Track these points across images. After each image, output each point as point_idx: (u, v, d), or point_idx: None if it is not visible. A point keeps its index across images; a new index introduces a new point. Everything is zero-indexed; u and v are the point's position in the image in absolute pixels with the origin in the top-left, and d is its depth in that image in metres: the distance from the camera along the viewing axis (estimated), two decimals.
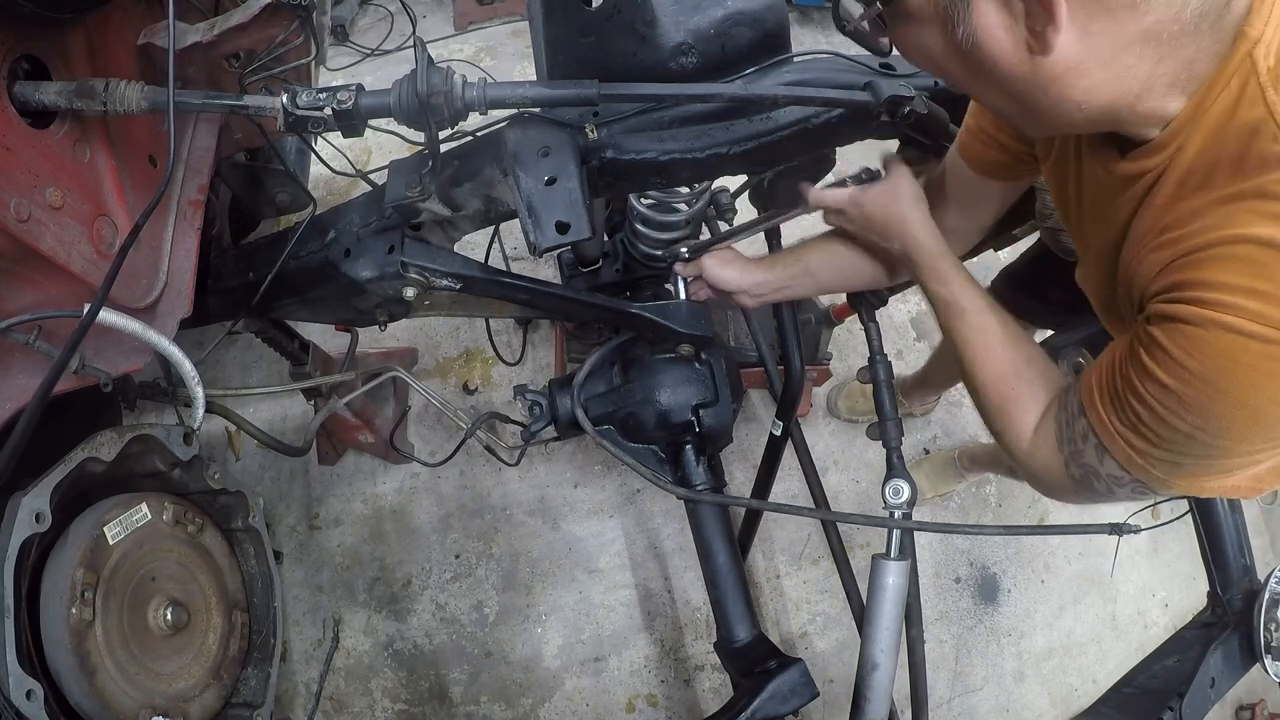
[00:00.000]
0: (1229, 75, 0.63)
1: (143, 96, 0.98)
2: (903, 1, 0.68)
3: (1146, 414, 0.72)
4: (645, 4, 1.07)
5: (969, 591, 2.24)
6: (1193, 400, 0.67)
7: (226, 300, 1.47)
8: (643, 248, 1.58)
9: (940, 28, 0.68)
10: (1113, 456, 0.79)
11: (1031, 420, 0.92)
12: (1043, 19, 0.61)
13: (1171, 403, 0.69)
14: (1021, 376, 0.94)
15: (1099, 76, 0.64)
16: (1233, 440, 0.69)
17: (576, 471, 2.31)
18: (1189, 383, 0.67)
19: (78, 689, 1.19)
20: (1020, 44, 0.64)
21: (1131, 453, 0.77)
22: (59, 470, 1.21)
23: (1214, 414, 0.67)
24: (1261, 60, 0.61)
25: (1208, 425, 0.68)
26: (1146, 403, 0.71)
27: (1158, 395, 0.70)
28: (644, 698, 2.08)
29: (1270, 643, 1.30)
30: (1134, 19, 0.60)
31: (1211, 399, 0.66)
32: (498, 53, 3.26)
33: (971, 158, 1.10)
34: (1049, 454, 0.88)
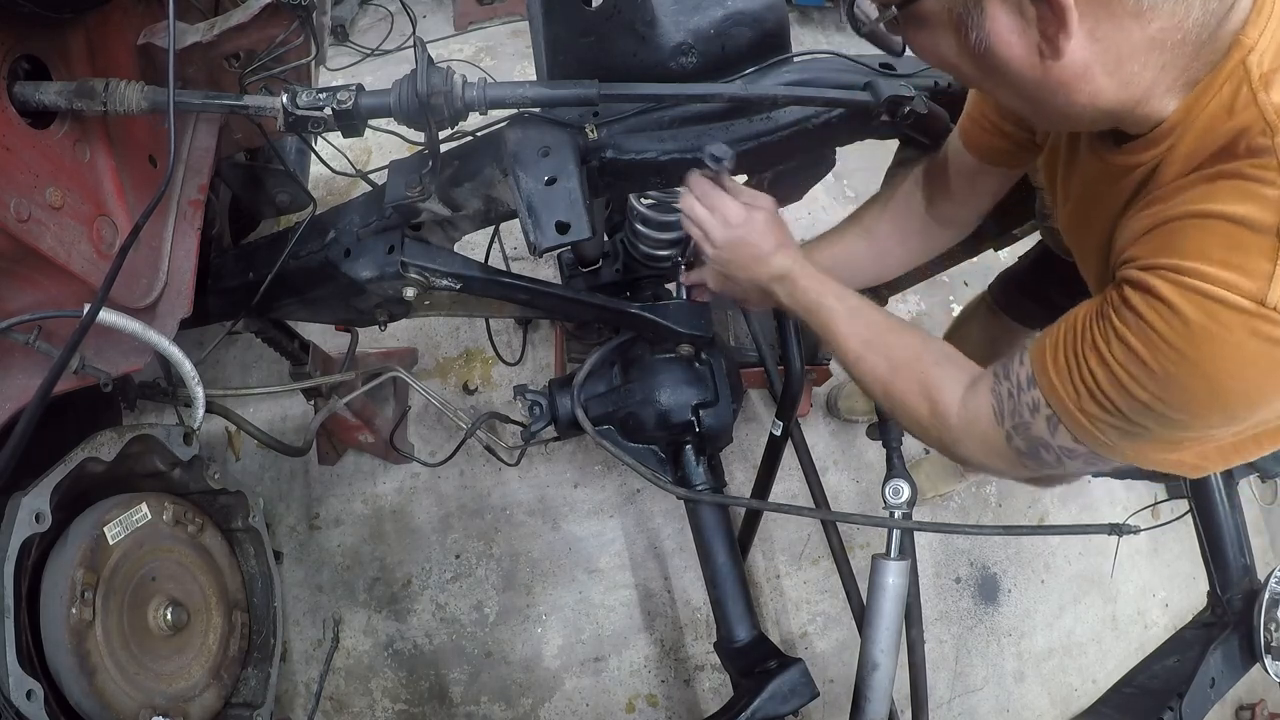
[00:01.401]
0: (1222, 80, 0.65)
1: (143, 96, 0.98)
2: (918, 6, 0.70)
3: (1106, 379, 0.72)
4: (645, 4, 1.07)
5: (969, 591, 2.24)
6: (1158, 367, 0.67)
7: (226, 300, 1.47)
8: (643, 248, 1.58)
9: (954, 32, 0.70)
10: (1065, 426, 0.79)
11: (956, 396, 0.91)
12: (1054, 25, 0.63)
13: (1135, 368, 0.69)
14: (934, 357, 0.95)
15: (1105, 81, 0.67)
16: (1189, 414, 0.69)
17: (576, 471, 2.31)
18: (1157, 348, 0.67)
19: (78, 689, 1.19)
20: (1032, 49, 0.66)
21: (1084, 419, 0.76)
22: (59, 470, 1.21)
23: (1177, 383, 0.67)
24: (1255, 67, 0.63)
25: (1168, 394, 0.68)
26: (1109, 366, 0.71)
27: (1122, 359, 0.70)
28: (644, 698, 2.08)
29: (1270, 643, 1.30)
30: (1139, 27, 0.63)
31: (1177, 366, 0.66)
32: (498, 53, 3.26)
33: (972, 144, 1.11)
34: (986, 428, 0.87)
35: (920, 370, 0.95)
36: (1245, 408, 0.67)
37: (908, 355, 0.97)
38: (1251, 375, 0.64)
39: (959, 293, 2.61)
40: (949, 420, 0.92)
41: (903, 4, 0.71)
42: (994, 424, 0.86)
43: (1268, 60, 0.63)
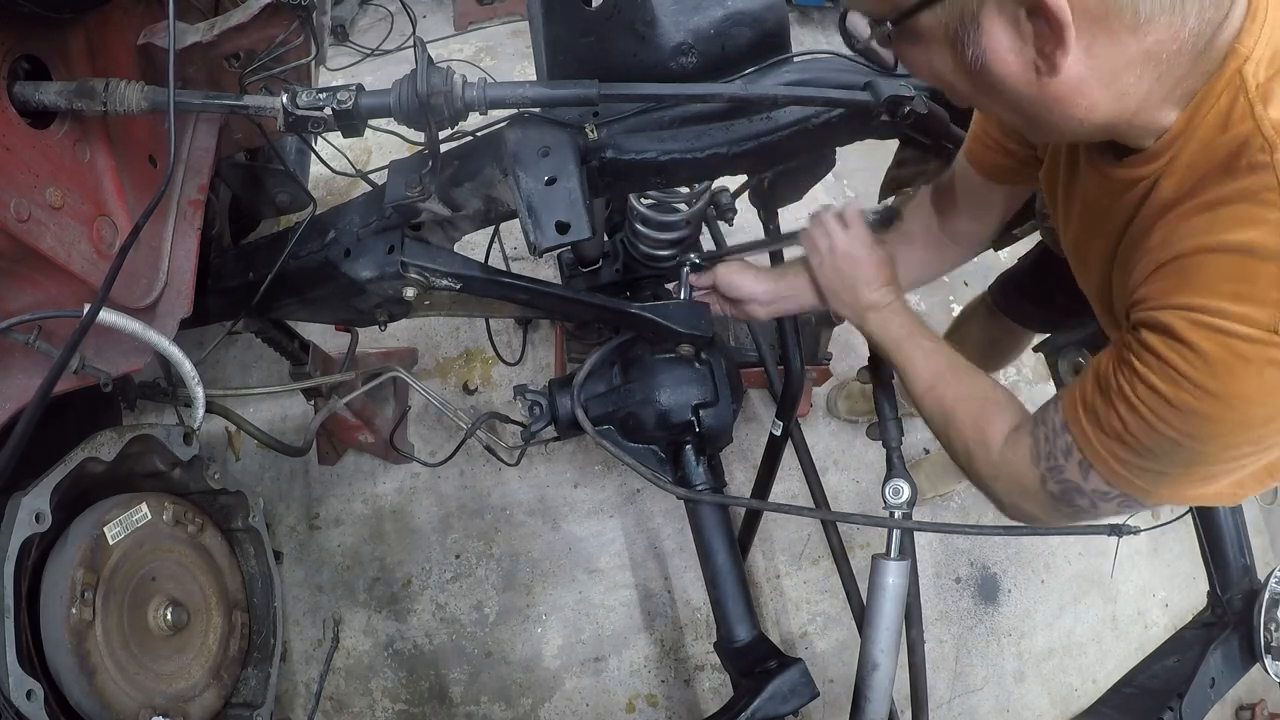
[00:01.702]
0: (1219, 91, 0.65)
1: (143, 96, 0.98)
2: (913, 23, 0.69)
3: (1134, 421, 0.73)
4: (645, 4, 1.07)
5: (969, 591, 2.24)
6: (1183, 404, 0.68)
7: (226, 300, 1.47)
8: (643, 248, 1.58)
9: (950, 48, 0.69)
10: (1097, 471, 0.80)
11: (1002, 434, 0.94)
12: (1052, 42, 0.62)
13: (1161, 408, 0.70)
14: (995, 397, 0.99)
15: (1101, 95, 0.67)
16: (1218, 445, 0.70)
17: (576, 471, 2.31)
18: (1180, 386, 0.68)
19: (78, 689, 1.19)
20: (1028, 65, 0.66)
21: (1115, 464, 0.78)
22: (59, 470, 1.21)
23: (1202, 417, 0.68)
24: (1251, 77, 0.63)
25: (1195, 430, 0.69)
26: (1136, 408, 0.72)
27: (1148, 400, 0.71)
28: (644, 698, 2.08)
29: (1270, 643, 1.30)
30: (1135, 40, 0.62)
31: (1201, 401, 0.67)
32: (498, 53, 3.26)
33: (978, 163, 1.13)
34: (1023, 469, 0.89)
35: (979, 406, 0.99)
36: (1273, 433, 0.68)
37: (972, 392, 1.02)
38: (1275, 402, 0.65)
39: (959, 293, 2.61)
40: (991, 455, 0.94)
41: (897, 20, 0.70)
42: (1030, 465, 0.88)
43: (1263, 70, 0.63)
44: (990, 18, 0.65)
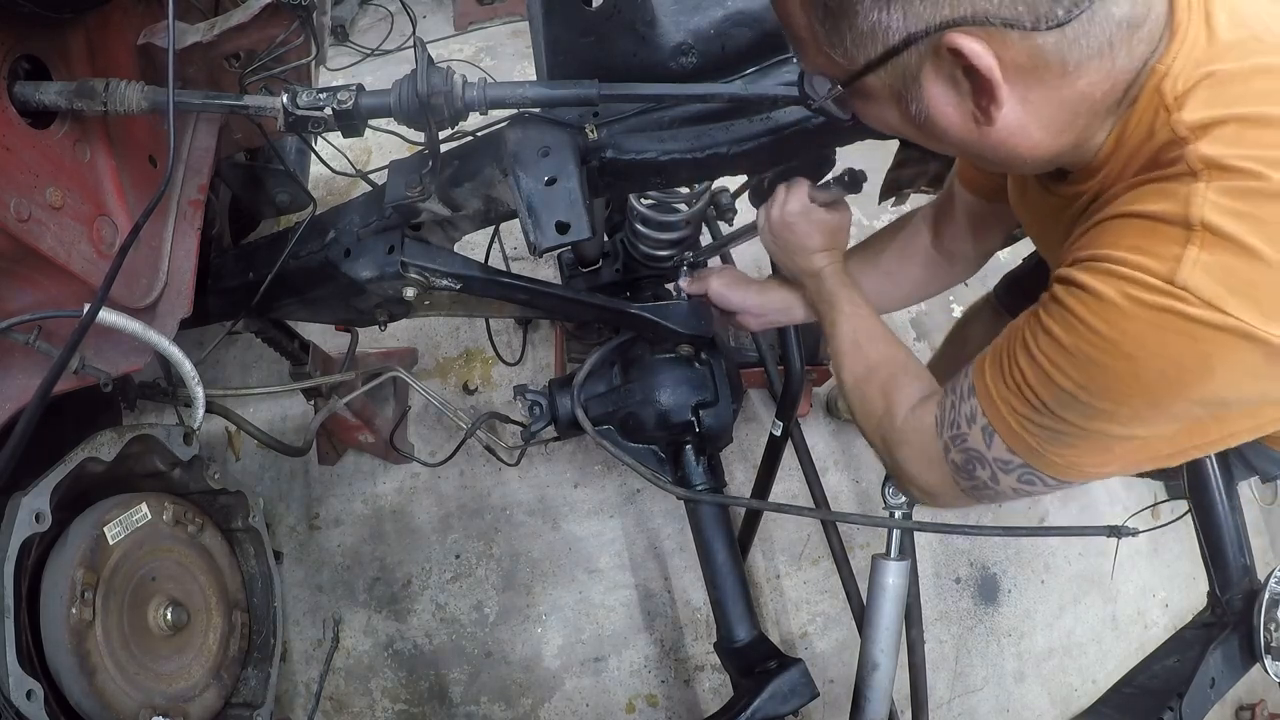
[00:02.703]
0: (1143, 108, 0.69)
1: (143, 96, 0.98)
2: (861, 85, 0.74)
3: (1033, 372, 0.74)
4: (645, 4, 1.07)
5: (969, 591, 2.24)
6: (1078, 350, 0.69)
7: (226, 300, 1.47)
8: (643, 248, 1.58)
9: (895, 104, 0.74)
10: (999, 435, 0.81)
11: (909, 403, 0.95)
12: (985, 97, 0.67)
13: (1058, 355, 0.71)
14: (907, 369, 1.01)
15: (1041, 136, 0.71)
16: (1112, 400, 0.70)
17: (576, 471, 2.31)
18: (1077, 330, 0.69)
19: (78, 689, 1.19)
20: (968, 116, 0.70)
21: (1014, 423, 0.78)
22: (59, 470, 1.21)
23: (1097, 365, 0.69)
24: (1169, 92, 0.67)
25: (1089, 380, 0.70)
26: (1034, 358, 0.74)
27: (1046, 348, 0.73)
28: (644, 698, 2.08)
29: (1270, 643, 1.30)
30: (1068, 85, 0.67)
31: (1094, 348, 0.68)
32: (498, 53, 3.26)
33: (967, 182, 1.18)
34: (927, 438, 0.90)
35: (890, 375, 1.01)
36: (1167, 392, 0.67)
37: (885, 360, 1.04)
38: (1169, 353, 0.65)
39: (959, 293, 2.61)
40: (895, 422, 0.96)
41: (846, 83, 0.75)
42: (934, 434, 0.89)
43: (1180, 82, 0.66)
44: (929, 78, 0.69)
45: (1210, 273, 0.62)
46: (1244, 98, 0.65)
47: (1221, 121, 0.64)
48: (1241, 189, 0.62)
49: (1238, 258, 0.61)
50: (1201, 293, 0.62)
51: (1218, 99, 0.65)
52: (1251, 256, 0.61)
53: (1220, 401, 0.68)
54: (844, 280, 1.16)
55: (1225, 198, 0.62)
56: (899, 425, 0.95)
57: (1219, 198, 0.62)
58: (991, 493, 0.86)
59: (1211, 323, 0.62)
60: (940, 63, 0.67)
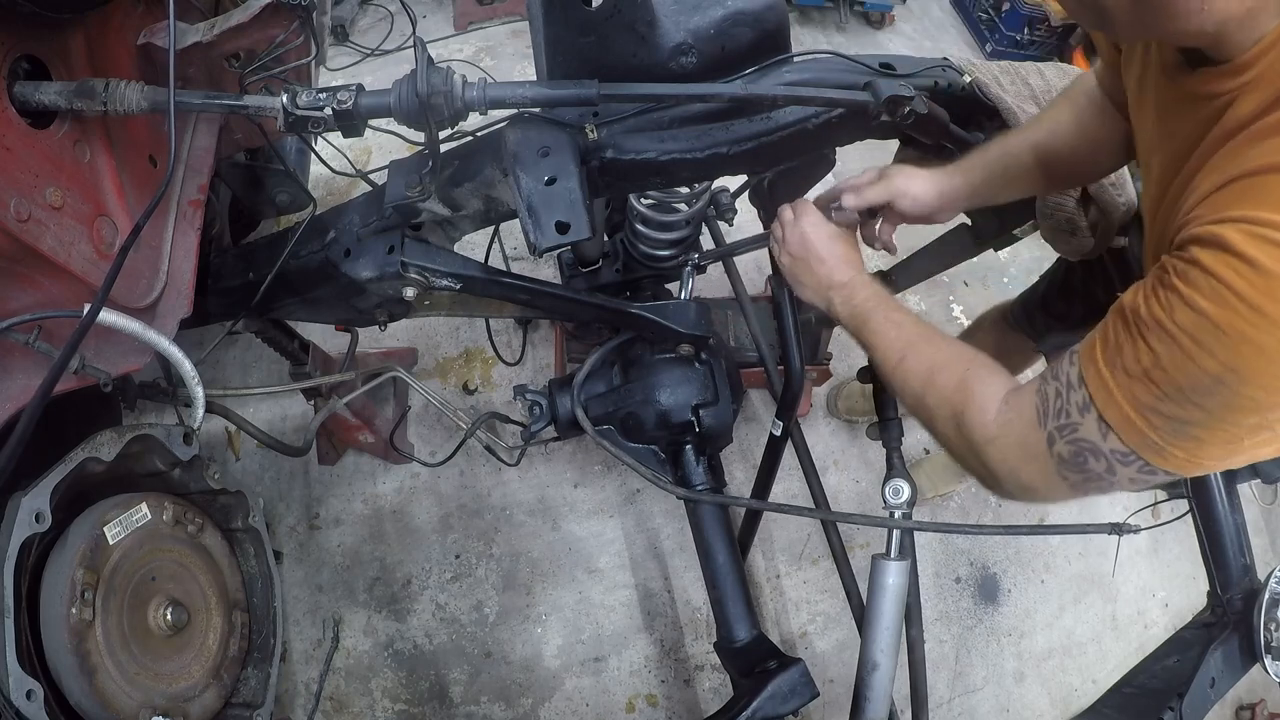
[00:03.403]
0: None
1: (143, 96, 0.98)
2: None
3: (1169, 353, 0.64)
4: (645, 4, 1.07)
5: (969, 591, 2.24)
6: (1231, 327, 0.59)
7: (226, 300, 1.47)
8: (643, 248, 1.58)
9: None
10: (1113, 427, 0.72)
11: (997, 396, 0.86)
12: None
13: (1205, 333, 0.61)
14: (978, 362, 0.91)
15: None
16: (1259, 386, 0.61)
17: (576, 471, 2.31)
18: (1230, 306, 0.59)
19: (78, 689, 1.19)
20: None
21: (1134, 415, 0.69)
22: (59, 470, 1.20)
23: (1252, 346, 0.59)
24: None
25: (1240, 362, 0.60)
26: (1173, 337, 0.64)
27: (1189, 326, 0.62)
28: (644, 698, 2.08)
29: (1270, 643, 1.30)
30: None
31: (1253, 325, 0.58)
32: (498, 53, 3.26)
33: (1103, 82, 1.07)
34: (1026, 430, 0.81)
35: (962, 371, 0.91)
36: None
37: (951, 359, 0.94)
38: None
39: (959, 293, 2.61)
40: (986, 416, 0.85)
41: None
42: (1035, 425, 0.79)
43: None
44: None
45: None
46: None
47: None
48: None
49: None
50: None
51: None
52: None
53: None
54: (876, 288, 1.08)
55: None
56: (990, 421, 0.85)
57: None
58: (1105, 484, 0.77)
59: None
60: None
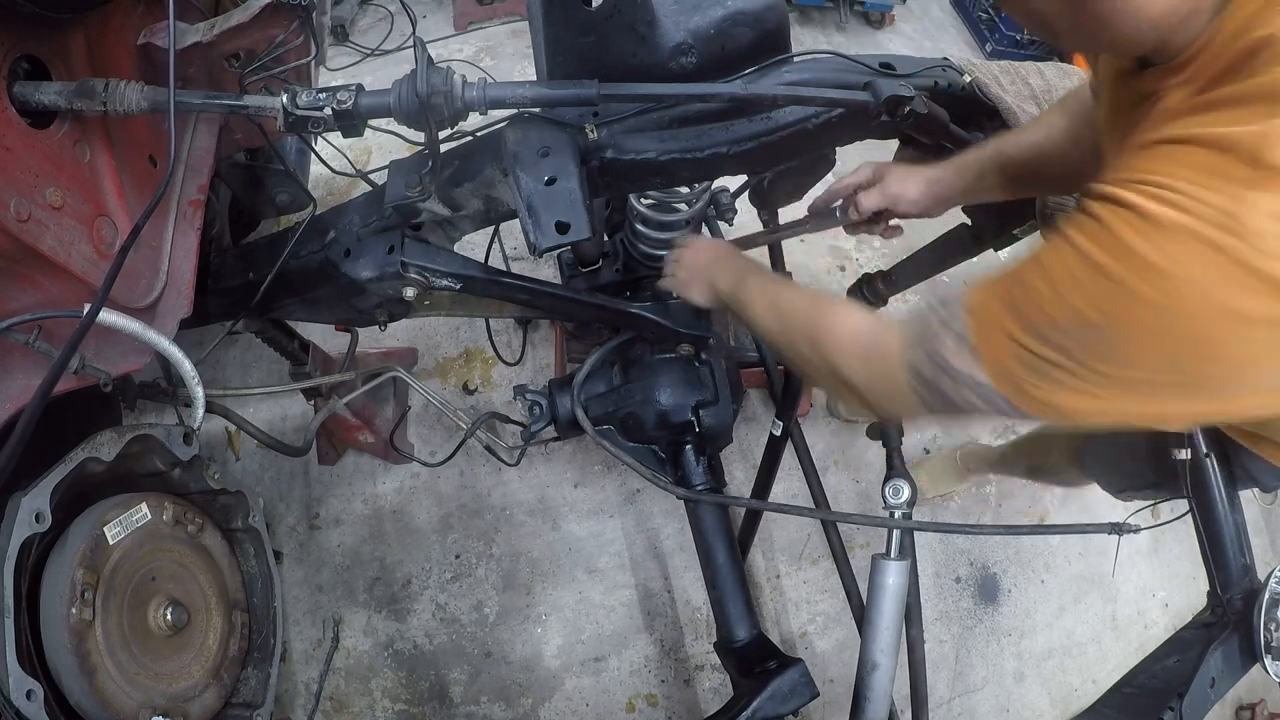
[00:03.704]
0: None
1: (143, 96, 0.98)
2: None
3: (1049, 291, 0.66)
4: (645, 4, 1.07)
5: (969, 591, 2.24)
6: (1114, 274, 0.61)
7: (226, 300, 1.47)
8: (643, 247, 1.58)
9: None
10: (979, 356, 0.73)
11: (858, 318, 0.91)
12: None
13: (1087, 276, 0.62)
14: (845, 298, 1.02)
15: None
16: (1125, 337, 0.62)
17: (576, 471, 2.31)
18: (1118, 255, 0.60)
19: (78, 689, 1.18)
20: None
21: (1005, 347, 0.70)
22: (59, 470, 1.20)
23: (1130, 294, 0.60)
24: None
25: (1112, 307, 0.61)
26: (1054, 277, 0.65)
27: (1075, 268, 0.64)
28: (644, 698, 2.08)
29: (1270, 643, 1.30)
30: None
31: (1137, 274, 0.59)
32: (498, 53, 3.26)
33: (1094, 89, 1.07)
34: (886, 336, 0.84)
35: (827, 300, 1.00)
36: (1199, 345, 0.59)
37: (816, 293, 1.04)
38: (1216, 296, 0.57)
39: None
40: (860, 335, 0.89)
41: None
42: (899, 340, 0.82)
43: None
44: None
45: (1276, 222, 0.54)
46: None
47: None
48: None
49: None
50: (1264, 242, 0.54)
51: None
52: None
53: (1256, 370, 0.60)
54: (747, 260, 1.24)
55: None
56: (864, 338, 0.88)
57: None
58: (959, 409, 0.78)
59: (1272, 276, 0.54)
60: None
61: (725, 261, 1.25)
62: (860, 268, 2.65)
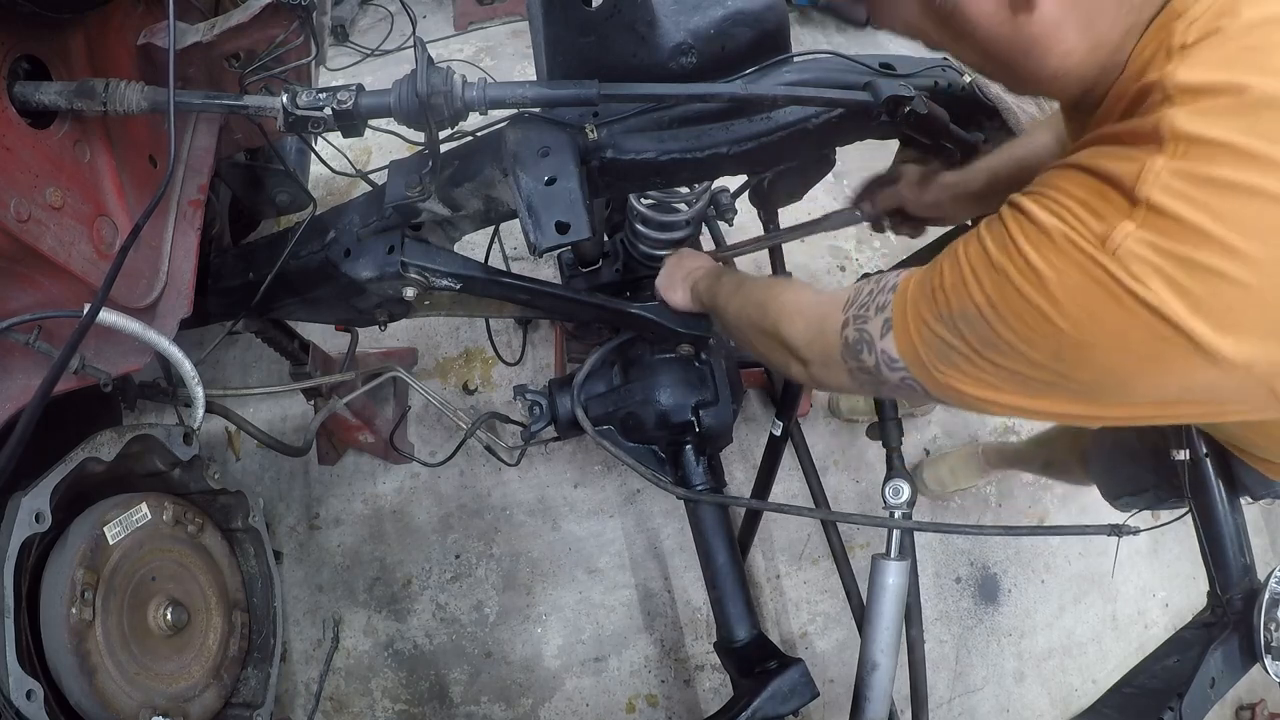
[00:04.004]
0: (1147, 42, 0.64)
1: (143, 96, 0.98)
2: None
3: (951, 276, 0.72)
4: (645, 4, 1.07)
5: (969, 591, 2.24)
6: (1003, 270, 0.67)
7: (226, 300, 1.47)
8: (643, 248, 1.58)
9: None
10: (895, 332, 0.78)
11: (811, 291, 0.98)
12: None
13: (982, 268, 0.69)
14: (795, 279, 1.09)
15: (1077, 40, 0.65)
16: (1013, 333, 0.67)
17: (576, 471, 2.31)
18: (1009, 254, 0.66)
19: (78, 689, 1.19)
20: (1002, 3, 0.64)
21: (912, 323, 0.76)
22: (59, 470, 1.20)
23: (1015, 291, 0.66)
24: (1179, 35, 0.61)
25: (1000, 302, 0.67)
26: (958, 264, 0.71)
27: (973, 259, 0.70)
28: (644, 698, 2.08)
29: (1270, 643, 1.30)
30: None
31: (1022, 275, 0.65)
32: (498, 53, 3.26)
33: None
34: (830, 309, 0.89)
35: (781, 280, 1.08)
36: (1073, 348, 0.64)
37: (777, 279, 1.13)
38: (1089, 304, 0.62)
39: None
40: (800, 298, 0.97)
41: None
42: (839, 309, 0.87)
43: (1194, 31, 0.60)
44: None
45: (1142, 247, 0.59)
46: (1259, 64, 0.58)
47: (1216, 91, 0.58)
48: (1202, 176, 0.57)
49: (1176, 242, 0.58)
50: (1130, 265, 0.59)
51: (1229, 62, 0.58)
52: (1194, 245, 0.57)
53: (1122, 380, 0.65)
54: (720, 266, 1.33)
55: (1179, 180, 0.58)
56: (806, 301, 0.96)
57: (1172, 179, 0.58)
58: (875, 382, 0.84)
59: (1132, 291, 0.59)
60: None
61: (708, 266, 1.34)
62: (860, 268, 2.65)
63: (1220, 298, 0.58)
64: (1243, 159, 0.56)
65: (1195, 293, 0.58)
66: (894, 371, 0.80)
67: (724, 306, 1.17)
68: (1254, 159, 0.56)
